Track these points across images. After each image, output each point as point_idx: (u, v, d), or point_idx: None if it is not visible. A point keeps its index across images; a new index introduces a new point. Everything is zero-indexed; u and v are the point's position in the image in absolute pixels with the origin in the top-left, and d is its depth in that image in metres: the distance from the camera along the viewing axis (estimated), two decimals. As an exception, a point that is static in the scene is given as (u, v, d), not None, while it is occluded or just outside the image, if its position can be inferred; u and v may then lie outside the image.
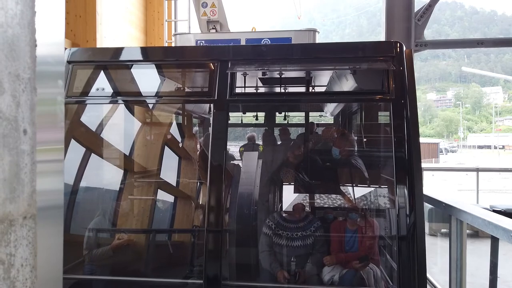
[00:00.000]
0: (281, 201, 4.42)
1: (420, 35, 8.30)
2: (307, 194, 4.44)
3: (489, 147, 71.42)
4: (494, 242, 3.85)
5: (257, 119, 6.29)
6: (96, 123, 4.24)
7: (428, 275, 4.55)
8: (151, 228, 4.44)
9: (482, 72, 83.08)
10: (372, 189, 4.24)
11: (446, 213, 3.64)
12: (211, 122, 3.44)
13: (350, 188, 4.36)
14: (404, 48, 3.40)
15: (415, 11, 8.17)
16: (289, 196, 4.30)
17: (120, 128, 4.61)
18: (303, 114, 5.89)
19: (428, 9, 8.19)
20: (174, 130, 5.14)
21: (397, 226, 3.06)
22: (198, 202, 4.49)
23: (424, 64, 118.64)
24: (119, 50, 4.33)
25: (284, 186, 4.41)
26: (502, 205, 7.67)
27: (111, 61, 3.93)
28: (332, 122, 6.05)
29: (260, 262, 3.79)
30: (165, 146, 4.83)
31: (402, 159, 3.08)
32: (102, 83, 3.82)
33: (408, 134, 3.11)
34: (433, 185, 17.16)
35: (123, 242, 3.96)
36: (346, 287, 3.55)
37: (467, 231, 3.58)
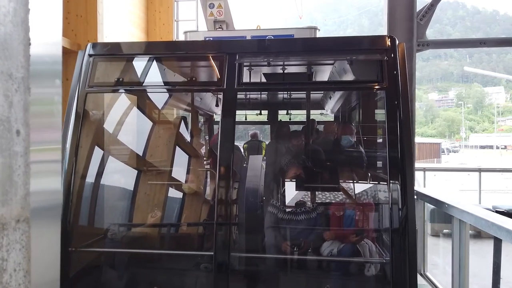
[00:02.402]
0: (284, 187, 4.74)
1: (422, 34, 8.26)
2: (309, 182, 4.73)
3: (491, 147, 71.18)
4: (497, 243, 3.83)
5: (260, 113, 6.65)
6: (117, 111, 4.65)
7: (430, 276, 4.55)
8: (175, 212, 4.87)
9: (484, 72, 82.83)
10: (369, 171, 4.70)
11: (448, 213, 3.62)
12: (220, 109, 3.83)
13: (349, 174, 4.79)
14: (397, 42, 3.70)
15: (417, 10, 8.14)
16: (293, 186, 4.62)
17: (137, 115, 5.04)
18: (304, 111, 6.12)
19: (430, 9, 8.15)
20: (188, 117, 5.60)
21: (390, 196, 3.38)
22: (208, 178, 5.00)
23: (426, 64, 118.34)
24: (136, 44, 4.85)
25: (287, 176, 4.71)
26: (505, 205, 7.62)
27: (130, 54, 4.25)
28: (331, 120, 6.45)
29: (265, 236, 4.19)
30: (180, 134, 5.26)
31: (395, 142, 3.41)
32: (121, 74, 4.18)
33: (400, 119, 3.43)
34: (435, 185, 17.12)
35: (157, 220, 4.45)
36: (344, 258, 3.95)
37: (470, 231, 3.56)
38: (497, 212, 6.30)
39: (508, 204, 7.82)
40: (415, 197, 4.48)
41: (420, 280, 4.53)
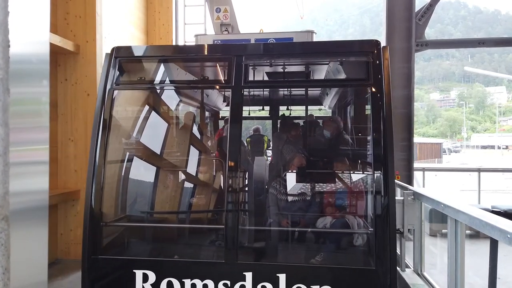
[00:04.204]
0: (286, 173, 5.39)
1: (421, 34, 8.27)
2: (307, 169, 5.37)
3: (492, 147, 70.91)
4: (493, 243, 3.83)
5: (263, 109, 7.41)
6: (139, 106, 5.30)
7: (427, 276, 4.55)
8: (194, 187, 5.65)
9: (485, 72, 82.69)
10: (356, 158, 5.42)
11: (444, 213, 3.62)
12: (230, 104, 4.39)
13: (339, 160, 5.41)
14: (382, 45, 4.21)
15: (415, 11, 8.15)
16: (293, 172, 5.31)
17: (157, 110, 5.70)
18: (303, 107, 7.10)
19: (429, 9, 8.16)
20: (201, 113, 6.41)
21: (373, 177, 3.98)
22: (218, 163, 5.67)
23: (427, 64, 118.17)
24: (156, 47, 5.70)
25: (289, 164, 5.34)
26: (503, 205, 7.61)
27: (150, 56, 4.87)
28: (327, 115, 7.25)
29: (268, 214, 4.87)
30: (195, 128, 6.08)
31: (379, 133, 3.97)
32: (142, 74, 4.82)
33: (383, 111, 3.97)
34: (436, 185, 17.09)
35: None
36: (336, 229, 4.63)
37: (468, 231, 3.56)
38: (494, 212, 6.29)
39: (507, 204, 7.80)
40: (412, 197, 4.52)
41: (417, 280, 4.53)
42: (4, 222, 0.83)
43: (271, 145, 6.60)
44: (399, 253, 4.98)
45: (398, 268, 4.85)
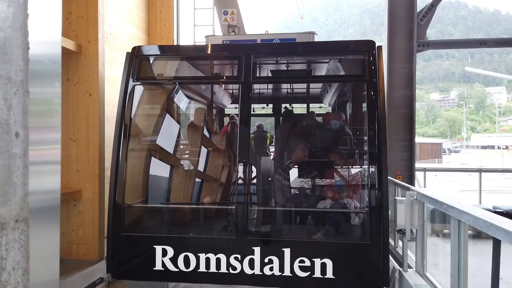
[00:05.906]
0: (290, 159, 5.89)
1: (423, 35, 8.28)
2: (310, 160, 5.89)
3: (492, 147, 70.85)
4: (496, 243, 3.83)
5: (267, 105, 8.01)
6: (158, 101, 5.82)
7: (429, 276, 4.56)
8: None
9: (485, 72, 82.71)
10: (354, 148, 5.93)
11: (447, 214, 3.62)
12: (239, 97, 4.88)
13: (339, 152, 5.92)
14: (377, 45, 4.67)
15: (417, 11, 8.16)
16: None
17: (175, 104, 6.28)
18: (305, 105, 7.86)
19: (430, 9, 8.16)
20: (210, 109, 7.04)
21: (368, 157, 4.49)
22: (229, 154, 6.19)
23: (427, 64, 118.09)
24: (172, 47, 6.50)
25: (293, 155, 5.81)
26: (505, 206, 7.63)
27: (167, 55, 5.44)
28: (327, 112, 7.62)
29: (275, 197, 5.46)
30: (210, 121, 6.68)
31: (374, 121, 4.43)
32: (161, 71, 5.37)
33: (377, 105, 4.41)
34: (436, 185, 17.09)
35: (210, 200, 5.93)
36: (335, 209, 5.13)
37: (469, 231, 3.56)
38: (496, 212, 6.30)
39: (508, 205, 7.82)
40: (415, 197, 4.53)
41: (419, 280, 4.53)
42: (24, 224, 0.84)
43: (274, 140, 7.14)
44: (401, 254, 4.99)
45: (400, 268, 4.87)
